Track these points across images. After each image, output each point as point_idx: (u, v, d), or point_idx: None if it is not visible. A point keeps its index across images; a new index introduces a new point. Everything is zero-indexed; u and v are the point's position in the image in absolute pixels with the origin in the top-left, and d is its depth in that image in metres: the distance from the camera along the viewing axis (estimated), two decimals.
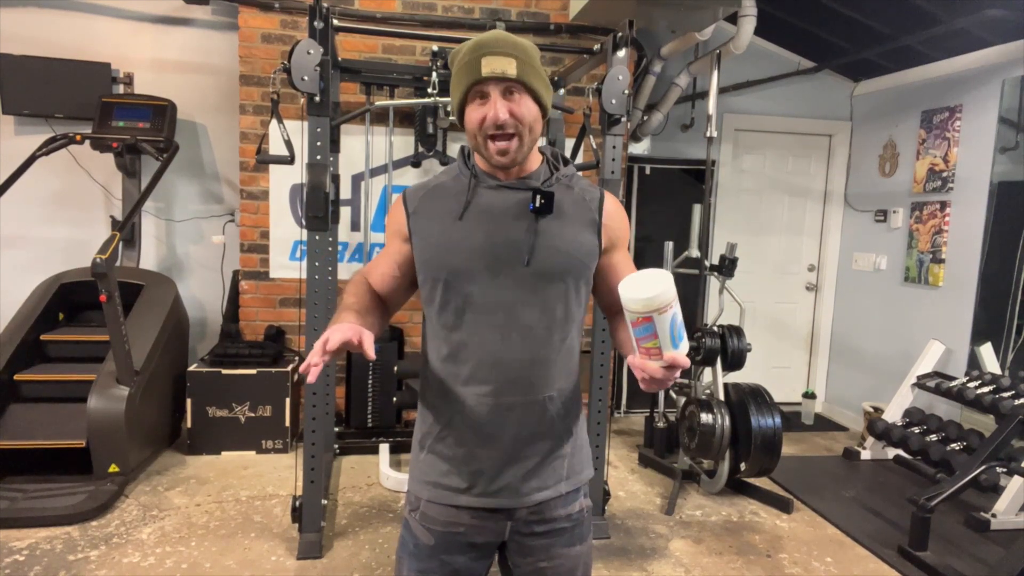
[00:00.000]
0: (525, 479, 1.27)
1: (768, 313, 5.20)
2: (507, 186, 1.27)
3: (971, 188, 4.00)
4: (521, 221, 1.24)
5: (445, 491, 1.28)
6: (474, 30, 4.13)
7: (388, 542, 2.89)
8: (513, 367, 1.24)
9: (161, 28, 4.20)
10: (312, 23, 2.61)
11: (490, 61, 1.18)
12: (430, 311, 1.28)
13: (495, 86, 1.19)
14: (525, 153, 1.24)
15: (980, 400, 3.48)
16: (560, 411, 1.29)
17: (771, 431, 3.23)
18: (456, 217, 1.25)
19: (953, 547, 3.04)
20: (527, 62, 1.21)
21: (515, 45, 1.21)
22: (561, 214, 1.26)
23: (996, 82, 3.86)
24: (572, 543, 1.33)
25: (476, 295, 1.23)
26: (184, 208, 4.38)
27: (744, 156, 5.08)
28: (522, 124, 1.20)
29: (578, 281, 1.28)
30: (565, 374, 1.30)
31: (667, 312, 1.02)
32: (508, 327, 1.23)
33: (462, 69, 1.21)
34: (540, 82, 1.23)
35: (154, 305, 3.74)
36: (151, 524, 2.96)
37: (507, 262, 1.22)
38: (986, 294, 3.95)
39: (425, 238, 1.26)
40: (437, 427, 1.29)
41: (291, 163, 2.94)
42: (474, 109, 1.21)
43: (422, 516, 1.30)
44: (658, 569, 2.79)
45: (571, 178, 1.33)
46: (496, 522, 1.28)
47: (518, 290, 1.23)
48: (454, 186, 1.29)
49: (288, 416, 3.83)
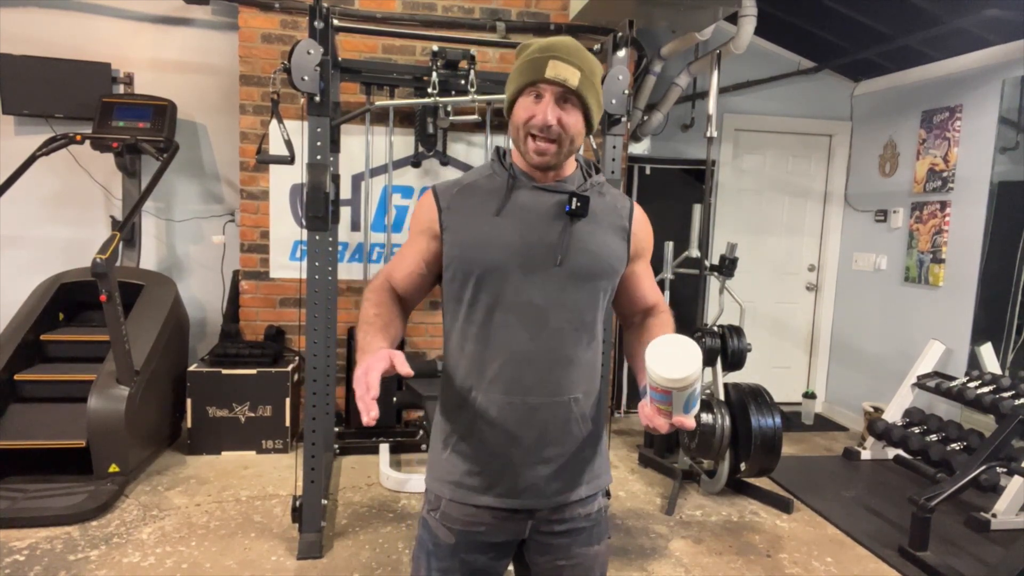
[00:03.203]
0: (548, 480, 1.27)
1: (768, 313, 5.20)
2: (544, 188, 1.28)
3: (971, 188, 4.00)
4: (556, 223, 1.26)
5: (467, 491, 1.28)
6: (474, 30, 4.13)
7: (388, 542, 2.89)
8: (540, 367, 1.24)
9: (161, 28, 4.20)
10: (312, 23, 2.61)
11: (556, 66, 1.19)
12: (457, 308, 1.28)
13: (552, 90, 1.21)
14: (561, 161, 1.26)
15: (980, 400, 3.48)
16: (584, 413, 1.30)
17: (771, 431, 3.23)
18: (491, 214, 1.26)
19: (953, 547, 3.03)
20: (589, 77, 1.22)
21: (584, 58, 1.23)
22: (594, 219, 1.28)
23: (996, 82, 3.86)
24: (591, 542, 1.34)
25: (507, 293, 1.23)
26: (184, 208, 4.38)
27: (744, 156, 5.08)
28: (565, 134, 1.22)
29: (606, 285, 1.30)
30: (590, 377, 1.31)
31: (687, 390, 1.05)
32: (537, 327, 1.24)
33: (526, 65, 1.23)
34: (595, 100, 1.25)
35: (154, 305, 3.74)
36: (151, 524, 2.96)
37: (540, 262, 1.24)
38: (986, 294, 3.94)
39: (458, 233, 1.27)
40: (461, 426, 1.28)
41: (291, 163, 2.94)
42: (525, 105, 1.23)
43: (443, 515, 1.30)
44: (658, 569, 2.79)
45: (602, 185, 1.35)
46: (517, 522, 1.29)
47: (549, 290, 1.24)
48: (488, 185, 1.30)
49: (288, 416, 3.83)
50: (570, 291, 1.25)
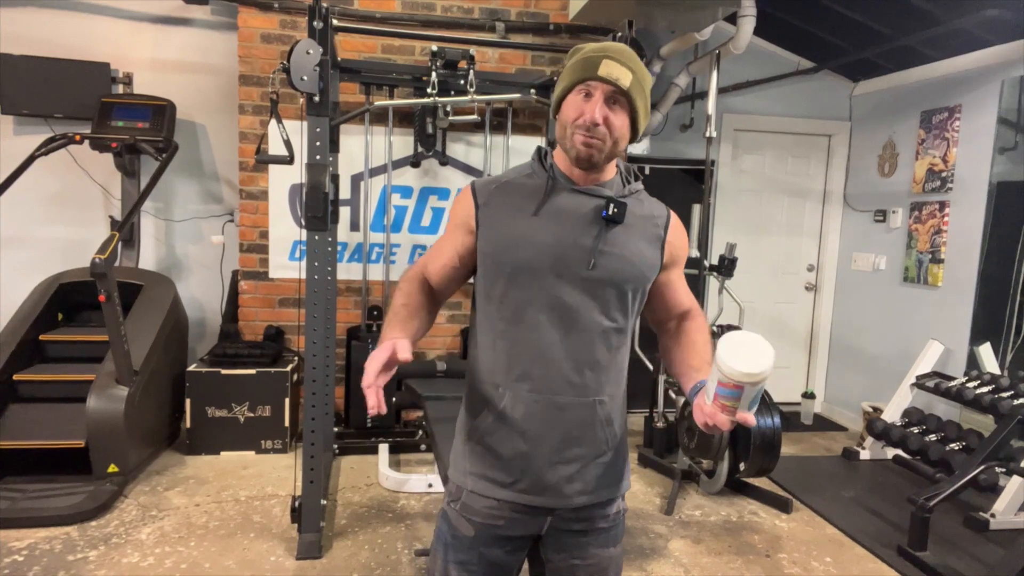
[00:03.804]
0: (569, 481, 1.28)
1: (767, 313, 5.20)
2: (582, 191, 1.29)
3: (970, 188, 4.00)
4: (591, 227, 1.26)
5: (489, 483, 1.29)
6: (473, 30, 4.13)
7: (387, 542, 2.89)
8: (567, 368, 1.25)
9: (160, 28, 4.20)
10: (311, 23, 2.61)
11: (609, 65, 1.21)
12: (488, 304, 1.30)
13: (603, 89, 1.22)
14: (604, 160, 1.27)
15: (979, 400, 3.48)
16: (609, 416, 1.31)
17: (770, 431, 3.23)
18: (528, 214, 1.27)
19: (952, 547, 3.04)
20: (640, 82, 1.24)
21: (636, 63, 1.24)
22: (629, 226, 1.29)
23: (995, 82, 3.86)
24: (607, 544, 1.35)
25: (538, 293, 1.25)
26: (183, 208, 4.38)
27: (743, 156, 5.08)
28: (611, 134, 1.23)
29: (636, 292, 1.31)
30: (615, 380, 1.32)
31: (759, 386, 1.04)
32: (566, 328, 1.25)
33: (579, 63, 1.24)
34: (643, 105, 1.26)
35: (153, 305, 3.74)
36: (150, 524, 2.96)
37: (572, 264, 1.25)
38: (985, 294, 3.95)
39: (493, 230, 1.28)
40: (486, 420, 1.30)
41: (290, 163, 2.94)
42: (575, 103, 1.24)
43: (463, 507, 1.31)
44: (657, 569, 2.79)
45: (640, 193, 1.36)
46: (536, 518, 1.30)
47: (580, 293, 1.25)
48: (527, 184, 1.31)
49: (287, 416, 3.83)
50: (601, 295, 1.26)
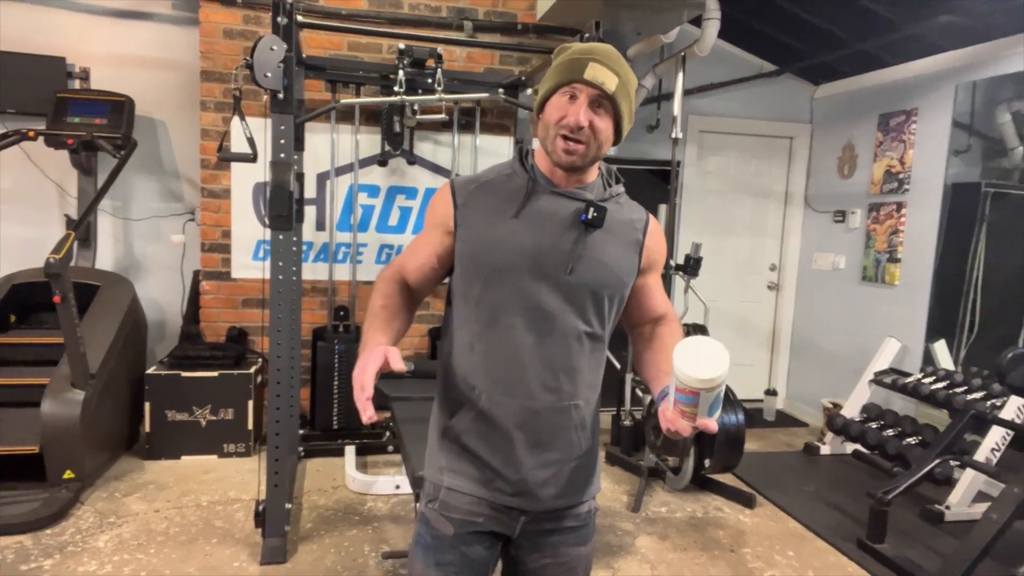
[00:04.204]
0: (544, 484, 1.29)
1: (731, 312, 5.28)
2: (563, 194, 1.28)
3: (926, 190, 4.12)
4: (571, 231, 1.25)
5: (467, 480, 1.29)
6: (441, 28, 4.11)
7: (354, 545, 2.86)
8: (544, 371, 1.25)
9: (119, 22, 4.09)
10: (275, 19, 2.56)
11: (596, 68, 1.19)
12: (465, 305, 1.29)
13: (588, 92, 1.20)
14: (587, 164, 1.26)
15: (934, 396, 3.59)
16: (583, 420, 1.31)
17: (734, 428, 3.28)
18: (508, 216, 1.25)
19: (910, 539, 3.12)
20: (625, 86, 1.23)
21: (623, 66, 1.23)
22: (609, 230, 1.28)
23: (950, 87, 3.98)
24: (579, 543, 1.36)
25: (515, 296, 1.24)
26: (143, 207, 4.27)
27: (708, 157, 5.15)
28: (595, 138, 1.22)
29: (614, 298, 1.30)
30: (591, 385, 1.32)
31: (715, 391, 1.04)
32: (542, 332, 1.24)
33: (564, 64, 1.23)
34: (627, 110, 1.25)
35: (110, 306, 3.64)
36: (108, 531, 2.88)
37: (551, 268, 1.24)
38: (940, 293, 4.07)
39: (471, 231, 1.27)
40: (463, 420, 1.29)
41: (254, 161, 2.89)
42: (559, 105, 1.22)
43: (442, 505, 1.30)
44: (624, 566, 2.81)
45: (621, 196, 1.35)
46: (510, 518, 1.30)
47: (557, 297, 1.24)
48: (507, 184, 1.30)
49: (251, 419, 3.76)
50: (578, 301, 1.25)
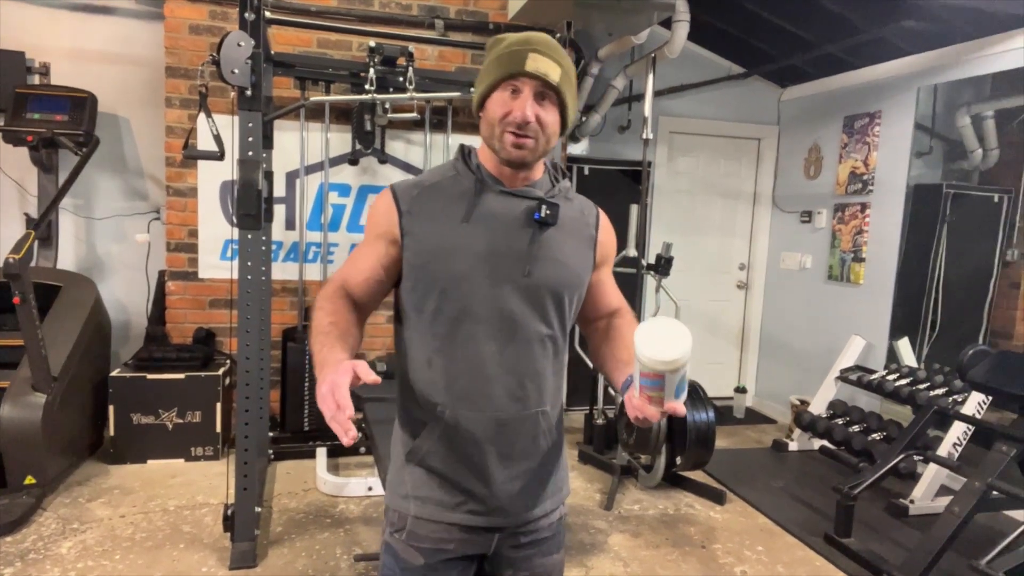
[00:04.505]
0: (516, 497, 1.25)
1: (702, 311, 5.33)
2: (512, 193, 1.22)
3: (889, 191, 4.21)
4: (524, 231, 1.21)
5: (436, 506, 1.23)
6: (412, 27, 4.08)
7: (325, 548, 2.83)
8: (509, 380, 1.20)
9: (81, 16, 3.99)
10: (243, 15, 2.52)
11: (537, 60, 1.14)
12: (419, 318, 1.21)
13: (532, 85, 1.15)
14: (536, 159, 1.21)
15: (898, 392, 3.67)
16: (551, 426, 1.28)
17: (705, 425, 3.32)
18: (458, 220, 1.19)
19: (875, 533, 3.19)
20: (568, 75, 1.18)
21: (562, 54, 1.19)
22: (562, 227, 1.24)
23: (912, 90, 4.06)
24: (551, 551, 1.33)
25: (474, 304, 1.18)
26: (106, 205, 4.17)
27: (679, 158, 5.20)
28: (543, 132, 1.18)
29: (573, 295, 1.26)
30: (556, 388, 1.28)
31: (679, 372, 1.02)
32: (504, 340, 1.19)
33: (504, 57, 1.17)
34: (572, 98, 1.21)
35: (73, 307, 3.55)
36: (71, 538, 2.81)
37: (507, 272, 1.19)
38: (903, 291, 4.16)
39: (421, 241, 1.19)
40: (427, 441, 1.23)
41: (220, 159, 2.84)
42: (501, 101, 1.17)
43: (409, 535, 1.24)
44: (597, 564, 2.82)
45: (569, 191, 1.31)
46: (484, 538, 1.26)
47: (517, 301, 1.19)
48: (453, 187, 1.23)
49: (219, 422, 3.69)
50: (538, 303, 1.21)
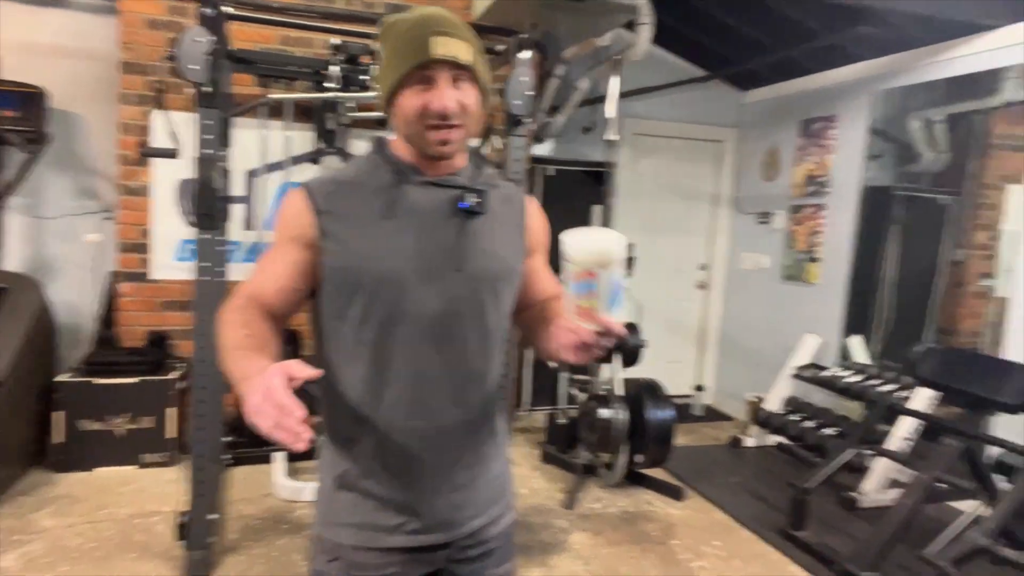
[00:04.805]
0: (461, 508, 1.18)
1: (663, 310, 5.39)
2: (435, 183, 1.13)
3: (843, 193, 4.32)
4: (451, 222, 1.12)
5: (375, 532, 1.14)
6: (375, 25, 4.02)
7: (283, 554, 2.78)
8: (450, 385, 1.13)
9: (32, 9, 3.83)
10: (202, 9, 2.47)
11: (441, 42, 1.05)
12: (342, 326, 1.11)
13: (444, 71, 1.06)
14: (464, 146, 1.13)
15: (850, 388, 3.77)
16: (494, 429, 1.23)
17: (665, 423, 3.36)
18: (379, 217, 1.10)
19: (828, 526, 3.27)
20: (477, 48, 1.10)
21: (466, 27, 1.10)
22: (491, 216, 1.16)
23: (866, 95, 4.17)
24: (502, 561, 1.26)
25: (406, 306, 1.09)
26: (56, 204, 4.02)
27: (641, 159, 5.25)
28: (468, 116, 1.09)
29: (509, 287, 1.20)
30: (497, 386, 1.21)
31: (611, 271, 0.98)
32: (442, 340, 1.11)
33: (404, 46, 1.07)
34: (486, 72, 1.12)
35: (17, 310, 3.42)
36: (15, 550, 2.71)
37: (438, 268, 1.11)
38: (855, 291, 4.28)
39: (342, 242, 1.09)
40: (360, 462, 1.14)
41: (176, 157, 2.77)
42: (414, 94, 1.07)
43: (349, 565, 1.15)
44: (559, 563, 2.84)
45: (494, 177, 1.23)
46: (430, 556, 1.18)
47: (451, 298, 1.11)
48: (370, 182, 1.14)
49: (173, 427, 3.60)
50: (474, 298, 1.13)
